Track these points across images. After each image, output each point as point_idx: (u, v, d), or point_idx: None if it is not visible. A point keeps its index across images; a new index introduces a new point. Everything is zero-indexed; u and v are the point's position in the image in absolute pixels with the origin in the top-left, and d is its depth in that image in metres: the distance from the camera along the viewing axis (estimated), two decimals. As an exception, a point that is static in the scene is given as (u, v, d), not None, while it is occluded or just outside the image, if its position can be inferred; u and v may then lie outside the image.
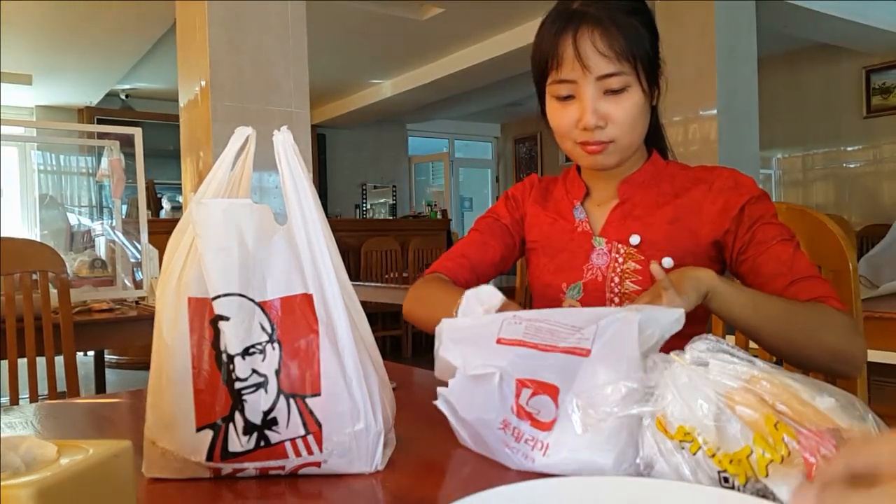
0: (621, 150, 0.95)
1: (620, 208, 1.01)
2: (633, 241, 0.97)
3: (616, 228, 0.99)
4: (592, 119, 0.91)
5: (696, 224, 0.96)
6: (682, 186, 0.99)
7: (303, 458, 0.67)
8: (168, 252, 0.70)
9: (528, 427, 0.68)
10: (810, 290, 0.88)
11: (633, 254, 0.97)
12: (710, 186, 0.96)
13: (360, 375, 0.66)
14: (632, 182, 1.01)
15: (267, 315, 0.66)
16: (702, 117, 3.78)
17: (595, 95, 0.91)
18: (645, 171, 1.01)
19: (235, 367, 0.66)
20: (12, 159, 6.64)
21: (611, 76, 0.90)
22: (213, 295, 0.65)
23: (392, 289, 4.10)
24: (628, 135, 0.94)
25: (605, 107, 0.92)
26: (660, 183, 1.00)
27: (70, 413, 1.02)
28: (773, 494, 0.51)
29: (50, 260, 1.96)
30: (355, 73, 6.75)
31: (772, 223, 0.93)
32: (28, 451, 0.41)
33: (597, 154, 0.95)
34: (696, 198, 0.97)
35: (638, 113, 0.93)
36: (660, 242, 0.96)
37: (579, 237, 1.02)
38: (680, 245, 0.95)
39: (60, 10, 4.48)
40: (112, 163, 2.82)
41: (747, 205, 0.93)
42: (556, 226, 1.06)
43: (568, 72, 0.92)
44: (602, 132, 0.92)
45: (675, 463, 0.55)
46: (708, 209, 0.95)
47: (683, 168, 1.03)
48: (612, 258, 0.98)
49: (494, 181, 9.77)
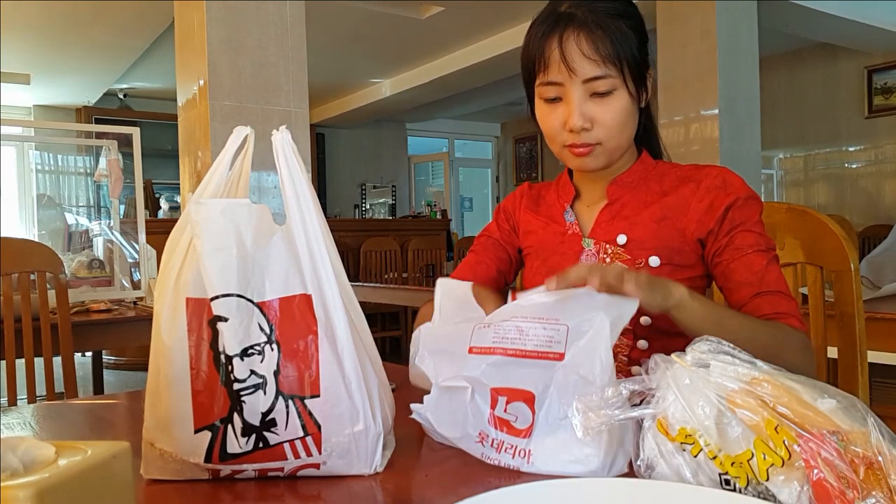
0: (608, 153, 0.96)
1: (609, 209, 1.01)
2: (619, 240, 0.97)
3: (605, 229, 1.00)
4: (579, 121, 0.92)
5: (682, 222, 0.96)
6: (671, 185, 0.99)
7: (302, 460, 0.66)
8: (166, 252, 0.70)
9: (506, 436, 0.69)
10: (774, 305, 0.88)
11: (620, 253, 0.97)
12: (699, 185, 0.96)
13: (360, 376, 0.66)
14: (620, 182, 1.01)
15: (265, 316, 0.66)
16: (703, 117, 3.78)
17: (581, 98, 0.92)
18: (634, 172, 1.01)
19: (234, 368, 0.65)
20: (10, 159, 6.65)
21: (597, 79, 0.91)
22: (212, 295, 0.65)
23: (391, 289, 4.10)
24: (615, 138, 0.95)
25: (592, 109, 0.92)
26: (648, 182, 1.01)
27: (68, 414, 1.02)
28: (775, 497, 0.51)
29: (48, 260, 1.95)
30: (354, 73, 6.74)
31: (752, 231, 0.93)
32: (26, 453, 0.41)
33: (584, 156, 0.95)
34: (684, 195, 0.97)
35: (625, 115, 0.94)
36: (647, 241, 0.96)
37: (570, 240, 1.03)
38: (667, 243, 0.95)
39: (59, 9, 4.48)
40: (110, 162, 2.82)
41: (732, 207, 0.93)
42: (548, 230, 1.07)
43: (554, 74, 0.93)
44: (588, 134, 0.93)
45: (676, 465, 0.55)
46: (695, 207, 0.95)
47: (674, 167, 1.03)
48: (599, 258, 0.99)
49: (494, 181, 9.77)
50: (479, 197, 9.96)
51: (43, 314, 1.90)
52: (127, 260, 2.77)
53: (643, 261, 0.95)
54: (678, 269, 0.95)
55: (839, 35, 5.19)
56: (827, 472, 0.49)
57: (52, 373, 1.93)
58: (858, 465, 0.51)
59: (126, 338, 2.49)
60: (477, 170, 10.03)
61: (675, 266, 0.95)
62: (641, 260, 0.95)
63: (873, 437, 0.52)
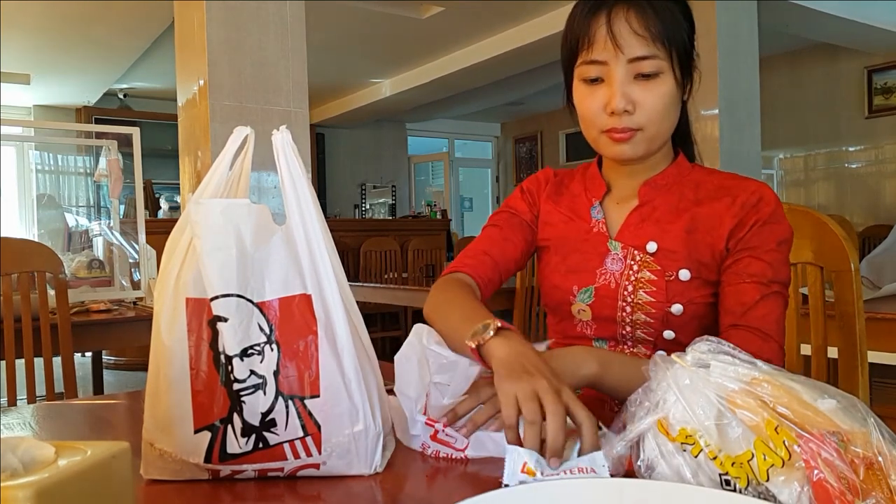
0: (648, 141, 0.90)
1: (639, 211, 0.95)
2: (650, 248, 0.92)
3: (633, 232, 0.94)
4: (621, 103, 0.86)
5: (714, 237, 0.90)
6: (706, 194, 0.93)
7: (301, 460, 0.66)
8: (166, 252, 0.70)
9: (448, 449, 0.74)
10: (744, 343, 0.79)
11: (648, 262, 0.91)
12: (734, 200, 0.90)
13: (360, 377, 0.66)
14: (654, 184, 0.95)
15: (265, 316, 0.66)
16: (703, 117, 3.78)
17: (625, 79, 0.87)
18: (668, 174, 0.96)
19: (234, 369, 0.65)
20: (10, 159, 6.64)
21: (643, 59, 0.86)
22: (212, 295, 0.65)
23: (391, 289, 4.09)
24: (657, 124, 0.89)
25: (635, 92, 0.87)
26: (682, 188, 0.95)
27: (68, 414, 1.01)
28: (775, 498, 0.51)
29: (48, 260, 1.95)
30: (354, 73, 6.74)
31: (760, 259, 0.87)
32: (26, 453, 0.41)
33: (623, 143, 0.89)
34: (717, 210, 0.91)
35: (669, 102, 0.89)
36: (678, 252, 0.91)
37: (594, 238, 0.97)
38: (697, 257, 0.90)
39: (59, 9, 4.47)
40: (110, 162, 2.82)
41: (755, 225, 0.88)
42: (570, 224, 1.00)
43: (599, 52, 0.87)
44: (630, 118, 0.87)
45: (676, 465, 0.55)
46: (728, 223, 0.90)
47: (711, 174, 0.96)
48: (626, 265, 0.93)
49: (494, 181, 9.77)
50: (479, 197, 9.95)
51: (43, 314, 1.90)
52: (127, 260, 2.77)
53: (674, 273, 0.90)
54: (707, 284, 0.90)
55: (839, 35, 5.19)
56: (827, 472, 0.49)
57: (51, 373, 1.93)
58: (858, 466, 0.51)
59: (126, 338, 2.49)
60: (477, 170, 10.02)
61: (703, 281, 0.90)
62: (672, 273, 0.90)
63: (873, 437, 0.52)
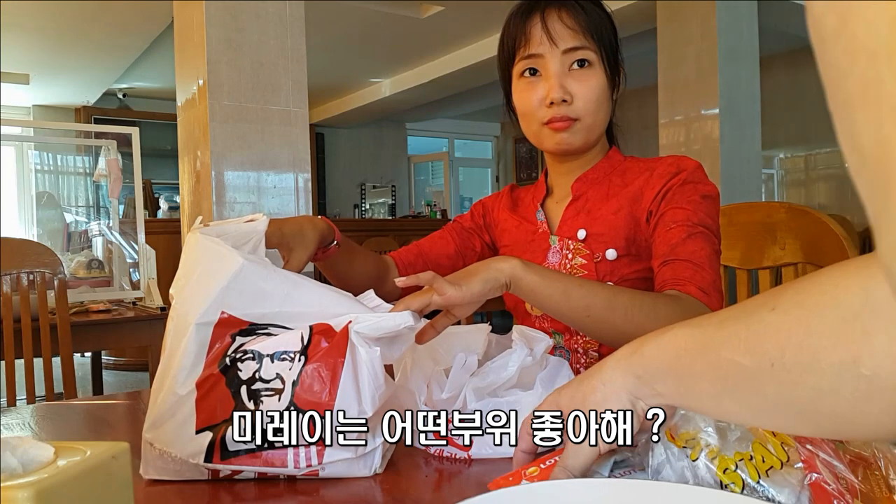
0: (586, 130, 0.97)
1: (573, 205, 1.02)
2: (579, 235, 0.98)
3: (569, 225, 1.01)
4: (559, 92, 0.93)
5: (637, 210, 0.95)
6: (631, 177, 0.99)
7: (301, 469, 0.66)
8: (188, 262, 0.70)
9: (452, 449, 0.72)
10: (675, 272, 0.84)
11: (580, 248, 0.98)
12: (653, 172, 0.96)
13: (377, 403, 0.65)
14: (585, 179, 1.02)
15: (310, 329, 0.67)
16: (703, 117, 3.78)
17: (561, 70, 0.94)
18: (599, 168, 1.03)
19: (262, 368, 0.65)
20: (10, 159, 6.65)
21: (576, 49, 0.94)
22: (248, 321, 0.67)
23: (391, 288, 4.10)
24: (592, 114, 0.96)
25: (571, 84, 0.94)
26: (612, 177, 1.02)
27: (67, 414, 1.01)
28: (774, 498, 0.51)
29: (47, 260, 1.95)
30: (354, 72, 6.74)
31: (683, 208, 0.90)
32: (25, 453, 0.41)
33: (562, 131, 0.96)
34: (638, 184, 0.97)
35: (601, 94, 0.96)
36: (605, 234, 0.96)
37: (539, 238, 1.05)
38: (623, 234, 0.95)
39: (58, 9, 4.47)
40: (109, 162, 2.81)
41: (674, 186, 0.92)
42: (521, 228, 1.09)
43: (536, 46, 0.95)
44: (568, 108, 0.94)
45: (679, 468, 0.55)
46: (647, 195, 0.95)
47: (639, 161, 1.03)
48: (563, 255, 1.00)
49: (494, 181, 9.77)
50: (479, 197, 9.86)
51: (42, 314, 1.90)
52: (126, 260, 2.76)
53: (601, 254, 0.96)
54: (636, 259, 0.95)
55: (839, 35, 5.18)
56: (825, 472, 0.49)
57: (51, 373, 1.93)
58: (857, 466, 0.51)
59: (125, 338, 2.49)
60: (477, 169, 10.03)
61: (632, 257, 0.95)
62: (599, 254, 0.96)
63: (873, 437, 0.52)
